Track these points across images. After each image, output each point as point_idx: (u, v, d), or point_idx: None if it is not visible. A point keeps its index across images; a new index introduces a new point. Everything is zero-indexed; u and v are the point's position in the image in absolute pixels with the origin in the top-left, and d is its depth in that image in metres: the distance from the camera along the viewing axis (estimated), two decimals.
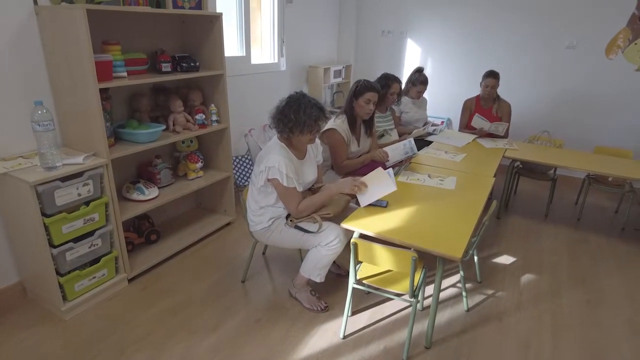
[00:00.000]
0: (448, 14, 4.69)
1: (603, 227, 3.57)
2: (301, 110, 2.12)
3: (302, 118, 2.11)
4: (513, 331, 2.25)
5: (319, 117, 2.15)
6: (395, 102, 3.53)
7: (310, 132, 2.16)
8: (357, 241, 1.97)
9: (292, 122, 2.12)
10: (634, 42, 3.99)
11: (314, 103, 2.17)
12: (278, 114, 2.18)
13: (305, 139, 2.20)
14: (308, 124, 2.12)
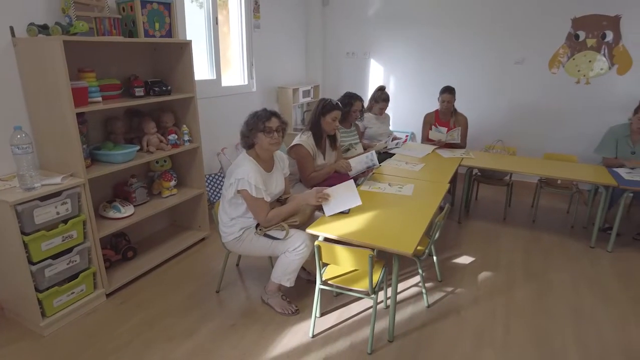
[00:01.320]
0: (407, 35, 5.02)
1: (555, 226, 3.86)
2: (255, 113, 2.42)
3: (253, 119, 2.38)
4: (470, 323, 2.45)
5: (265, 116, 2.38)
6: (358, 119, 3.79)
7: (260, 131, 2.36)
8: (320, 244, 2.15)
9: (250, 124, 2.39)
10: (571, 57, 4.39)
11: (268, 109, 2.44)
12: (243, 125, 2.44)
13: (264, 143, 2.38)
14: (256, 124, 2.36)
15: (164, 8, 2.76)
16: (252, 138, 2.41)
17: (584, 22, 4.27)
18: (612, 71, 4.28)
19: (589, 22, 4.25)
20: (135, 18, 2.61)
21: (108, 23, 2.49)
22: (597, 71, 4.33)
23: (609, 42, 4.23)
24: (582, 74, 4.40)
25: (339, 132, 3.57)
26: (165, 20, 2.78)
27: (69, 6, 2.40)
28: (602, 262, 3.19)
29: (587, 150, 4.11)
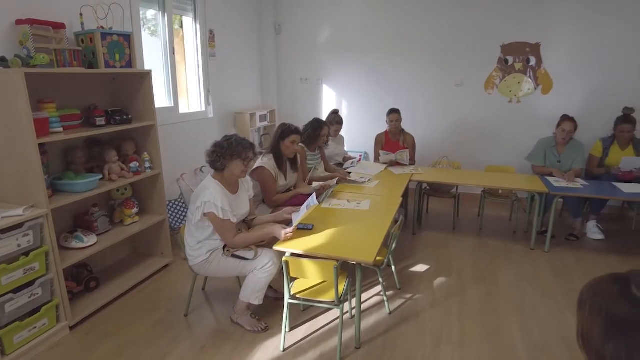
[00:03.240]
0: (356, 62, 5.35)
1: (499, 232, 4.21)
2: (233, 139, 2.50)
3: (234, 145, 2.47)
4: (429, 325, 2.64)
5: (248, 147, 2.51)
6: (324, 144, 4.01)
7: (241, 159, 2.47)
8: (288, 259, 2.27)
9: (225, 148, 2.46)
10: (503, 79, 4.88)
11: (245, 138, 2.56)
12: (213, 147, 2.52)
13: (237, 170, 2.50)
14: (238, 150, 2.46)
15: (124, 40, 2.84)
16: (226, 162, 2.49)
17: (511, 49, 4.79)
18: (537, 91, 4.80)
19: (515, 49, 4.77)
20: (96, 50, 2.67)
21: (68, 55, 2.54)
22: (525, 91, 4.85)
23: (533, 66, 4.76)
24: (513, 94, 4.90)
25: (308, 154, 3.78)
26: (125, 52, 2.85)
27: (27, 39, 2.43)
28: (541, 261, 3.53)
29: (523, 162, 4.55)
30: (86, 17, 2.79)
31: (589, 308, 0.84)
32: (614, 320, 0.79)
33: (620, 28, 4.39)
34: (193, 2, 4.25)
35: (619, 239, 4.01)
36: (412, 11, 5.00)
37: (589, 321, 0.83)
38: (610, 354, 0.77)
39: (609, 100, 4.47)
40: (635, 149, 4.03)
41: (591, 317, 0.83)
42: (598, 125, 4.42)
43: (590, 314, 0.83)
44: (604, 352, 0.78)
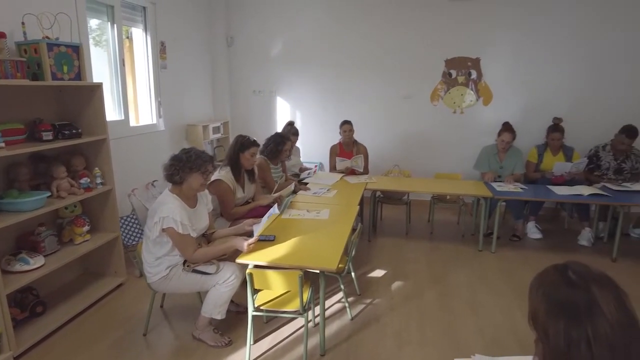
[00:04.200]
0: (309, 74, 5.46)
1: (449, 236, 4.44)
2: (192, 152, 2.47)
3: (193, 158, 2.44)
4: (389, 327, 2.74)
5: (208, 159, 2.49)
6: (287, 158, 4.05)
7: (200, 172, 2.45)
8: (252, 271, 2.28)
9: (184, 162, 2.42)
10: (448, 92, 5.19)
11: (204, 151, 2.54)
12: (171, 160, 2.48)
13: (196, 183, 2.47)
14: (198, 163, 2.43)
15: (72, 51, 2.74)
16: (185, 175, 2.45)
17: (454, 63, 5.11)
18: (479, 102, 5.15)
19: (458, 63, 5.10)
20: (41, 61, 2.55)
21: (11, 66, 2.41)
22: (468, 103, 5.18)
23: (474, 79, 5.11)
24: (457, 105, 5.22)
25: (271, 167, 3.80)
26: (74, 63, 2.75)
27: None
28: (489, 262, 3.77)
29: (468, 168, 4.84)
30: (29, 27, 2.65)
31: (535, 293, 1.00)
32: (554, 300, 0.95)
33: (548, 46, 4.84)
34: (143, 13, 4.17)
35: (555, 237, 4.38)
36: (362, 27, 5.21)
37: (536, 303, 0.99)
38: (553, 328, 0.92)
39: (542, 110, 4.89)
40: (565, 154, 4.44)
41: (538, 300, 0.98)
42: (533, 133, 4.80)
43: (537, 297, 0.99)
44: (547, 327, 0.94)
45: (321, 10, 5.28)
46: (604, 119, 4.75)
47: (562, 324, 0.91)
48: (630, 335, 0.89)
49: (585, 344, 0.88)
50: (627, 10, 4.62)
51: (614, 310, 0.89)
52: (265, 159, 3.76)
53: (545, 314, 0.95)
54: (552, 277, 0.99)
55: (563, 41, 4.81)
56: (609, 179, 4.32)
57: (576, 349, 0.89)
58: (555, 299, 0.94)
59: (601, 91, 4.85)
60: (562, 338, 0.91)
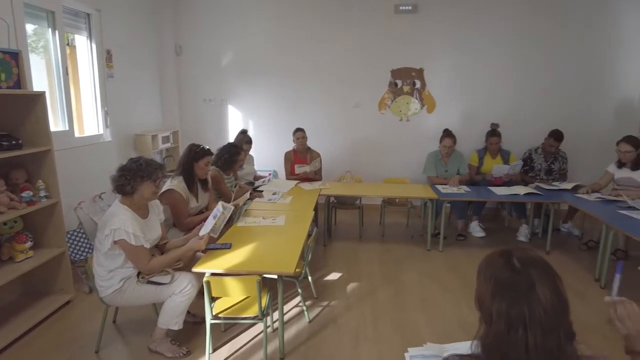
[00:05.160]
0: (261, 83, 5.51)
1: (400, 237, 4.64)
2: (142, 160, 2.43)
3: (143, 166, 2.40)
4: (345, 327, 2.83)
5: (158, 167, 2.46)
6: (240, 167, 4.05)
7: (152, 180, 2.41)
8: (209, 279, 2.28)
9: (134, 171, 2.37)
10: (394, 101, 5.44)
11: (153, 159, 2.52)
12: (120, 171, 2.41)
13: (148, 192, 2.43)
14: (149, 171, 2.39)
15: (11, 58, 2.62)
16: (136, 185, 2.40)
17: (399, 73, 5.37)
18: (423, 110, 5.45)
19: (403, 73, 5.37)
20: None
21: None
22: (413, 111, 5.46)
23: (418, 88, 5.40)
24: (403, 114, 5.48)
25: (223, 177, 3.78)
26: (12, 71, 2.63)
27: None
28: (437, 260, 3.98)
29: (415, 173, 5.10)
30: None
31: (482, 276, 1.10)
32: (498, 284, 1.04)
33: (484, 58, 5.23)
34: (87, 20, 4.04)
35: (496, 235, 4.71)
36: (313, 37, 5.35)
37: (482, 286, 1.09)
38: (496, 309, 1.02)
39: (480, 116, 5.25)
40: (502, 157, 4.80)
41: (484, 283, 1.08)
42: (474, 138, 5.14)
43: (483, 280, 1.09)
44: (491, 309, 1.03)
45: (271, 20, 5.37)
46: (534, 124, 5.18)
47: (505, 306, 1.01)
48: (561, 319, 1.00)
49: (523, 327, 0.98)
50: (552, 27, 5.11)
51: (548, 294, 0.99)
52: (218, 170, 3.74)
53: (490, 297, 1.04)
54: (497, 261, 1.08)
55: (496, 53, 5.22)
56: (541, 179, 4.71)
57: (514, 331, 0.99)
58: (499, 282, 1.04)
59: (531, 99, 5.30)
60: (503, 320, 1.01)
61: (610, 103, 5.27)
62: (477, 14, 5.14)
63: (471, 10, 5.13)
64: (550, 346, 0.98)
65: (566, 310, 1.03)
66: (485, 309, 1.06)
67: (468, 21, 5.16)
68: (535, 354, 0.98)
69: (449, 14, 5.15)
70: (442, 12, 5.15)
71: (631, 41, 5.08)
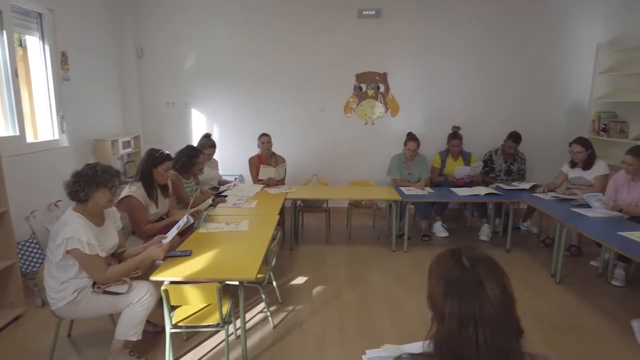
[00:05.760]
0: (225, 86, 5.45)
1: (366, 239, 4.69)
2: (98, 167, 2.34)
3: (100, 173, 2.31)
4: (311, 331, 2.82)
5: (115, 174, 2.38)
6: (200, 171, 3.95)
7: (107, 187, 2.33)
8: (167, 287, 2.22)
9: (89, 177, 2.28)
10: (359, 104, 5.50)
11: (110, 166, 2.44)
12: (74, 177, 2.31)
13: (103, 200, 2.35)
14: (105, 178, 2.31)
15: None
16: (91, 192, 2.30)
17: (364, 77, 5.44)
18: (387, 114, 5.53)
19: (367, 77, 5.44)
20: None
21: None
22: (377, 114, 5.53)
23: (383, 92, 5.48)
24: (368, 117, 5.55)
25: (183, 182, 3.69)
26: None
27: None
28: (402, 260, 4.04)
29: (380, 175, 5.16)
30: None
31: (433, 276, 1.11)
32: (449, 283, 1.06)
33: (445, 63, 5.37)
34: (39, 20, 3.87)
35: (459, 235, 4.83)
36: (277, 41, 5.34)
37: (433, 285, 1.10)
38: (447, 307, 1.03)
39: (442, 120, 5.38)
40: (464, 159, 4.93)
41: (435, 282, 1.10)
42: (436, 141, 5.26)
43: (434, 279, 1.11)
44: (443, 308, 1.05)
45: (236, 23, 5.32)
46: (494, 126, 5.35)
47: (456, 305, 1.03)
48: (507, 315, 1.02)
49: (473, 325, 1.00)
50: (509, 32, 5.31)
51: (496, 291, 1.01)
52: (176, 174, 3.66)
53: (442, 296, 1.06)
54: (448, 261, 1.10)
55: (457, 58, 5.37)
56: (501, 180, 4.87)
57: (466, 329, 1.01)
58: (450, 281, 1.06)
59: (491, 102, 5.49)
60: (455, 319, 1.03)
61: (563, 106, 5.52)
62: (438, 19, 5.28)
63: (432, 16, 5.27)
64: (499, 342, 1.01)
65: (513, 307, 1.06)
66: (437, 307, 1.08)
67: (429, 27, 5.29)
68: (485, 350, 1.00)
69: (411, 19, 5.27)
70: (405, 17, 5.26)
71: (581, 45, 5.34)
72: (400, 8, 5.24)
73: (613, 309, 3.12)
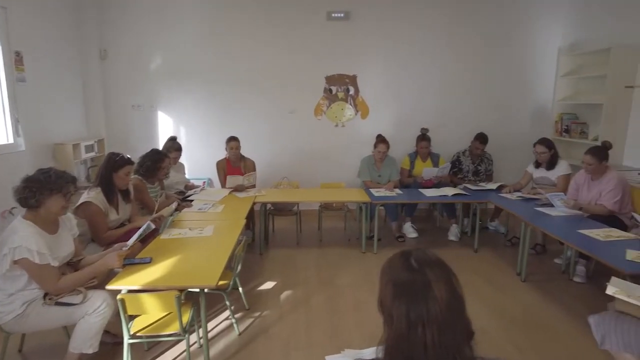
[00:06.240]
0: (193, 88, 5.34)
1: (337, 241, 4.67)
2: (52, 172, 2.23)
3: (53, 178, 2.20)
4: (277, 337, 2.78)
5: (70, 180, 2.28)
6: (165, 176, 3.83)
7: (61, 193, 2.22)
8: (123, 297, 2.13)
9: (42, 182, 2.17)
10: (329, 107, 5.50)
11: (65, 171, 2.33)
12: (24, 182, 2.20)
13: (56, 207, 2.23)
14: (59, 184, 2.20)
15: None
16: (43, 198, 2.19)
17: (334, 80, 5.44)
18: (357, 116, 5.55)
19: (337, 80, 5.44)
20: None
21: None
22: (348, 116, 5.54)
23: (352, 95, 5.49)
24: (338, 119, 5.54)
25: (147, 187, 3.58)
26: None
27: None
28: (372, 262, 4.04)
29: (351, 177, 5.16)
30: None
31: (384, 279, 1.10)
32: (398, 285, 1.04)
33: (413, 65, 5.43)
34: None
35: (429, 235, 4.88)
36: (246, 42, 5.28)
37: (384, 288, 1.08)
38: (396, 311, 1.02)
39: (411, 122, 5.42)
40: (432, 160, 4.98)
41: (384, 284, 1.08)
42: (406, 143, 5.29)
43: (384, 282, 1.09)
44: (392, 311, 1.03)
45: (203, 23, 5.23)
46: (462, 128, 5.43)
47: (404, 306, 1.01)
48: (456, 316, 1.01)
49: (421, 326, 0.99)
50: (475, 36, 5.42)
51: (444, 292, 1.00)
52: (141, 178, 3.55)
53: (391, 299, 1.04)
54: (397, 263, 1.09)
55: (426, 61, 5.44)
56: (469, 180, 4.95)
57: (414, 331, 0.99)
58: (398, 283, 1.04)
59: (458, 104, 5.58)
60: (403, 320, 1.01)
61: (529, 108, 5.66)
62: (406, 23, 5.33)
63: (401, 18, 5.31)
64: (448, 343, 0.99)
65: (462, 308, 1.05)
66: (386, 310, 1.07)
67: (398, 29, 5.34)
68: (434, 352, 0.98)
69: (380, 22, 5.30)
70: (373, 20, 5.29)
71: (544, 49, 5.50)
72: (369, 11, 5.27)
73: (574, 305, 3.20)
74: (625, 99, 4.45)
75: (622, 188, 3.49)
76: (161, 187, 3.87)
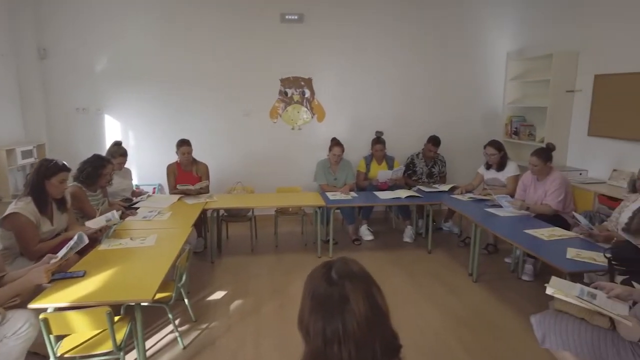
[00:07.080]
0: (141, 90, 5.10)
1: (293, 246, 4.60)
2: None
3: None
4: (224, 349, 2.66)
5: None
6: (108, 183, 3.61)
7: None
8: (46, 316, 1.97)
9: None
10: (285, 110, 5.42)
11: None
12: None
13: None
14: None
15: None
16: None
17: (289, 82, 5.36)
18: (314, 119, 5.49)
19: (292, 82, 5.37)
20: None
21: None
22: (304, 120, 5.48)
23: (308, 98, 5.43)
24: (294, 122, 5.47)
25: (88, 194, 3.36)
26: None
27: None
28: None
29: (307, 181, 5.09)
30: None
31: (305, 290, 1.02)
32: (316, 298, 0.98)
33: (368, 69, 5.44)
34: None
35: (385, 237, 4.88)
36: (197, 43, 5.10)
37: (304, 302, 1.01)
38: (313, 327, 0.95)
39: (366, 125, 5.43)
40: (387, 163, 5.00)
41: (305, 298, 1.01)
42: (361, 146, 5.29)
43: (305, 295, 1.02)
44: (309, 326, 0.96)
45: (153, 22, 5.00)
46: (416, 131, 5.47)
47: (320, 322, 0.95)
48: (375, 331, 0.95)
49: (337, 343, 0.93)
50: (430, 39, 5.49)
51: (362, 306, 0.94)
52: (80, 186, 3.33)
53: (308, 313, 0.98)
54: (318, 275, 1.02)
55: (379, 64, 5.46)
56: (423, 182, 5.00)
57: (330, 348, 0.93)
58: (317, 296, 0.98)
59: (412, 107, 5.63)
60: (319, 337, 0.95)
61: (480, 110, 5.80)
62: (360, 25, 5.33)
63: (355, 22, 5.31)
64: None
65: (383, 322, 0.99)
66: (304, 326, 1.00)
67: (352, 32, 5.33)
68: None
69: (334, 24, 5.27)
70: (327, 23, 5.26)
71: (494, 54, 5.66)
72: (322, 14, 5.23)
73: (522, 304, 3.27)
74: (566, 103, 4.64)
75: (565, 188, 3.62)
76: (104, 195, 3.66)
